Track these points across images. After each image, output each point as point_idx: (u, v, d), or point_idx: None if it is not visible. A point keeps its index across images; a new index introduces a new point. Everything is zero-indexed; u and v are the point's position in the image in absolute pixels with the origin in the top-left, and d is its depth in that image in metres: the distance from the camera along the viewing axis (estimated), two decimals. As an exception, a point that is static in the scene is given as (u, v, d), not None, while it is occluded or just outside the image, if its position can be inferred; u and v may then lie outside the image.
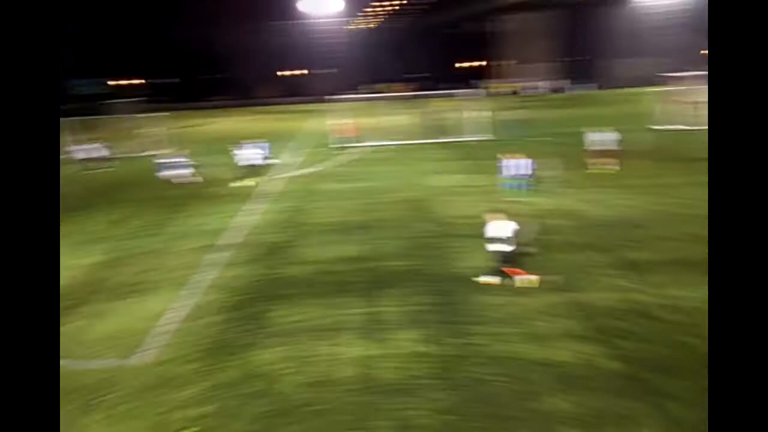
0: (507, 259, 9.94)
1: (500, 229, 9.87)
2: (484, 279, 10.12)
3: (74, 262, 12.57)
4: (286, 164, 23.17)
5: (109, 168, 23.99)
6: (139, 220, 15.81)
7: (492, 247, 10.00)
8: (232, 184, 19.33)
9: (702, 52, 42.89)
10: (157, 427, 6.77)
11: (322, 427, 6.66)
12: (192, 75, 56.96)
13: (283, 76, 57.59)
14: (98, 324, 9.52)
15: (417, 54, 53.77)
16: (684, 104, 27.45)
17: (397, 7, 58.11)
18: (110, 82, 56.53)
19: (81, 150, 24.02)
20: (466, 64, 77.57)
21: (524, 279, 9.93)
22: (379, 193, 17.46)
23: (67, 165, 23.68)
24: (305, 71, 56.89)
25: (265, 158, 20.79)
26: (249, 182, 19.38)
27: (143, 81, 58.32)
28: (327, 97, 38.60)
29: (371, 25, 60.39)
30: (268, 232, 14.06)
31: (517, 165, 16.64)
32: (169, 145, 27.81)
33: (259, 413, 6.96)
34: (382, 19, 61.25)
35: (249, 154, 20.04)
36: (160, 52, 55.70)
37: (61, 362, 8.15)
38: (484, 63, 75.27)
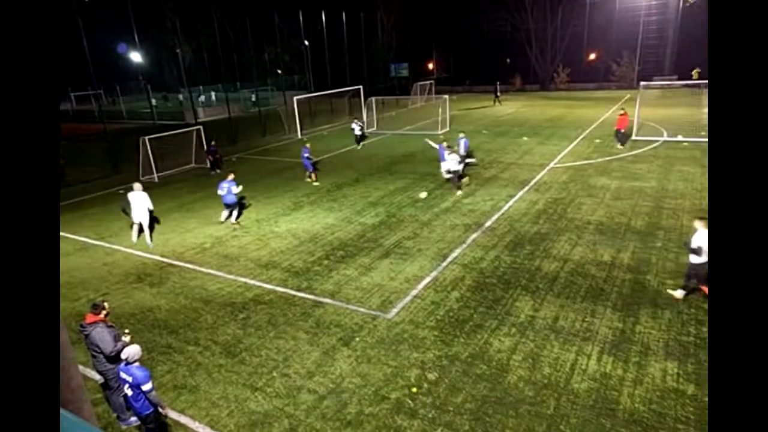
0: (702, 274, 8.83)
1: (703, 238, 8.69)
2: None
3: (360, 219, 14.84)
4: (563, 154, 21.97)
5: (359, 146, 26.35)
6: (415, 192, 17.47)
7: (695, 259, 8.94)
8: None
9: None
10: (392, 378, 7.55)
11: (540, 431, 6.31)
12: (489, 58, 59.22)
13: (584, 60, 53.98)
14: (365, 276, 11.07)
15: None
16: None
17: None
18: (423, 66, 63.55)
19: (356, 126, 27.27)
20: None
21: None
22: (668, 197, 14.97)
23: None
24: (601, 53, 52.02)
25: (462, 159, 18.48)
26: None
27: (439, 65, 63.53)
28: (642, 83, 35.02)
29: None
30: (529, 222, 13.74)
31: None
32: (446, 126, 29.73)
33: (480, 395, 7.03)
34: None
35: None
36: (462, 36, 59.81)
37: (330, 300, 9.96)
38: None
